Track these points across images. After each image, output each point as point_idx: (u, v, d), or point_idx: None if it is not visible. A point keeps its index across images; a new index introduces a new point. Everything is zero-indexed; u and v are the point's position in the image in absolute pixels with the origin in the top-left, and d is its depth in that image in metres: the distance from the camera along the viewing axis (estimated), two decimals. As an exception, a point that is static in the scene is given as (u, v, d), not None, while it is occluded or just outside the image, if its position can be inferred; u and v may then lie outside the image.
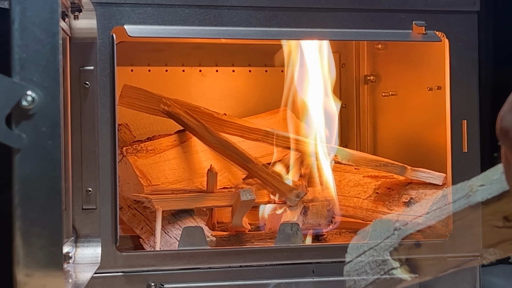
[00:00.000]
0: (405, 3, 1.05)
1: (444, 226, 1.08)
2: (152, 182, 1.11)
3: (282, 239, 1.02)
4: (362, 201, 1.18)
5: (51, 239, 0.63)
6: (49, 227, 0.62)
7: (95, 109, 0.96)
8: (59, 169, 0.63)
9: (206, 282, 0.99)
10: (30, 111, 0.61)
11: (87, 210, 0.97)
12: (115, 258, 0.97)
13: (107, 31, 0.96)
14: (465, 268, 1.07)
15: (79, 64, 0.96)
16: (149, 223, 1.07)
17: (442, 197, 0.90)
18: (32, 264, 0.62)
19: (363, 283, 0.68)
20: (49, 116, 0.62)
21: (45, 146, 0.62)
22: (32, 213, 0.62)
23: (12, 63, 0.62)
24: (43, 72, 0.62)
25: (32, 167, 0.62)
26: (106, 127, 0.97)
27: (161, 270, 0.98)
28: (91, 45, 0.96)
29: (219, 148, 1.12)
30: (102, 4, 0.97)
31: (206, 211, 1.15)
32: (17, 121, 0.61)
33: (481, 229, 1.08)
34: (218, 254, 1.00)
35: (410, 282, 0.67)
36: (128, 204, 1.11)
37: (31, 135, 0.61)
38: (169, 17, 0.99)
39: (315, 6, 1.03)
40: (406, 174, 1.14)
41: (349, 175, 1.23)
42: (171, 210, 1.08)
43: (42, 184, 0.62)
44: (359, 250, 0.70)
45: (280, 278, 1.01)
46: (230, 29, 0.99)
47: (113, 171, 0.96)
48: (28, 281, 0.62)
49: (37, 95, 0.61)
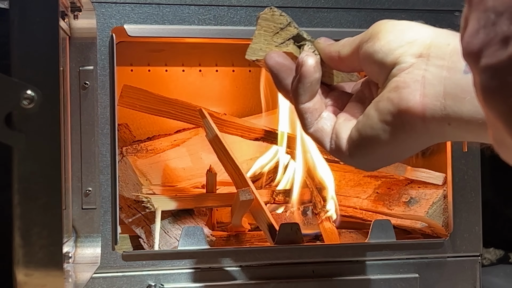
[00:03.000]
0: (405, 3, 1.05)
1: (444, 226, 1.08)
2: (152, 182, 1.11)
3: (282, 239, 1.02)
4: (362, 201, 1.18)
5: (51, 239, 0.63)
6: (49, 227, 0.62)
7: (95, 109, 0.96)
8: (59, 169, 0.63)
9: (206, 282, 0.99)
10: (30, 111, 0.61)
11: (87, 210, 0.97)
12: (115, 258, 0.97)
13: (107, 31, 0.96)
14: (465, 268, 1.08)
15: (79, 64, 0.96)
16: (149, 223, 1.07)
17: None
18: (32, 264, 0.62)
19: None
20: (49, 116, 0.62)
21: (45, 146, 0.62)
22: (32, 212, 0.62)
23: (12, 63, 0.62)
24: (43, 72, 0.62)
25: (32, 166, 0.62)
26: (106, 127, 0.97)
27: (161, 270, 0.98)
28: (90, 45, 0.96)
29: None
30: (101, 4, 0.97)
31: (206, 211, 1.15)
32: (17, 121, 0.61)
33: (481, 229, 1.08)
34: (218, 254, 1.00)
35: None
36: (128, 204, 1.11)
37: (31, 135, 0.61)
38: (169, 17, 0.99)
39: (315, 6, 1.03)
40: (405, 173, 1.14)
41: (349, 175, 1.23)
42: (171, 210, 1.08)
43: (42, 183, 0.62)
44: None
45: (280, 278, 1.01)
46: (230, 28, 0.99)
47: (113, 171, 0.96)
48: (28, 280, 0.62)
49: (37, 95, 0.60)
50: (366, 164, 0.64)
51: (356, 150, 0.62)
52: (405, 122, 0.57)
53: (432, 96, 0.56)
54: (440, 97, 0.56)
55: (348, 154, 0.63)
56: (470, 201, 1.08)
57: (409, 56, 0.58)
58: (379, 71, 0.60)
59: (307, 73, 0.64)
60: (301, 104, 0.65)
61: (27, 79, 0.61)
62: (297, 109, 0.66)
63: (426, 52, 0.57)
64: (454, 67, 0.56)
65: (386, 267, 1.04)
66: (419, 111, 0.56)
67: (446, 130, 0.56)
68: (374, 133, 0.60)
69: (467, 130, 0.56)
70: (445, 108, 0.55)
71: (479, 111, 0.53)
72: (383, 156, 0.62)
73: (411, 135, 0.58)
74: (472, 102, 0.53)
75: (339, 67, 0.67)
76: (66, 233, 0.94)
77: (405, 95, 0.57)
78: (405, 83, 0.57)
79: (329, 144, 0.64)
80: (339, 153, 0.64)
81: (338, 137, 0.64)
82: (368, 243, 1.04)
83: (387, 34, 0.60)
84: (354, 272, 1.03)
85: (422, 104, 0.56)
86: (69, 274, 0.87)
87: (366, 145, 0.61)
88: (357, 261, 1.04)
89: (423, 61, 0.57)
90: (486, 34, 0.36)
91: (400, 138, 0.59)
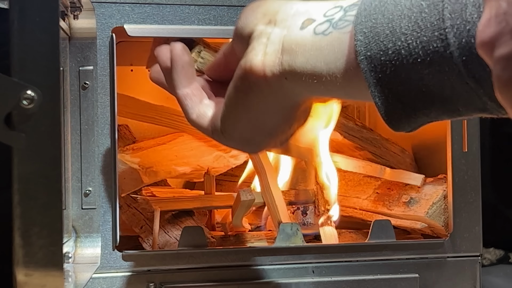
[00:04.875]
0: (405, 3, 1.05)
1: (444, 226, 1.08)
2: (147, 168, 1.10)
3: (282, 239, 1.02)
4: (361, 201, 1.18)
5: (51, 239, 0.62)
6: (49, 227, 0.62)
7: (95, 109, 0.96)
8: (59, 169, 0.62)
9: (206, 282, 0.99)
10: (30, 111, 0.61)
11: (87, 210, 0.97)
12: (115, 258, 0.97)
13: (107, 31, 0.96)
14: (465, 268, 1.07)
15: (79, 64, 0.96)
16: (148, 223, 1.07)
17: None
18: (32, 264, 0.62)
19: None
20: (49, 115, 0.62)
21: (45, 146, 0.62)
22: (32, 212, 0.62)
23: (12, 63, 0.62)
24: (43, 72, 0.62)
25: (32, 166, 0.62)
26: (106, 127, 0.97)
27: (161, 270, 0.98)
28: (90, 45, 0.96)
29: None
30: (101, 4, 0.97)
31: (205, 211, 1.15)
32: (17, 120, 0.61)
33: (481, 229, 1.08)
34: (218, 254, 1.00)
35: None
36: (127, 203, 1.11)
37: (31, 134, 0.61)
38: (169, 17, 0.99)
39: (315, 6, 1.03)
40: (385, 175, 1.15)
41: (349, 175, 1.23)
42: (171, 210, 1.08)
43: (42, 183, 0.62)
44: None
45: (280, 278, 1.01)
46: (230, 28, 0.99)
47: (113, 171, 0.96)
48: (27, 280, 0.62)
49: (37, 95, 0.60)
50: (239, 138, 0.67)
51: (225, 125, 0.66)
52: (251, 83, 0.61)
53: (272, 54, 0.60)
54: (278, 54, 0.59)
55: (221, 131, 0.67)
56: (470, 201, 1.08)
57: (260, 25, 0.62)
58: (242, 46, 0.64)
59: (176, 56, 0.69)
60: (178, 89, 0.70)
61: (27, 79, 0.61)
62: (177, 96, 0.70)
63: (274, 18, 0.62)
64: (293, 25, 0.60)
65: (386, 267, 1.04)
66: (259, 69, 0.60)
67: (284, 85, 0.60)
68: (232, 102, 0.64)
69: (301, 84, 0.59)
70: (281, 64, 0.59)
71: (309, 61, 0.57)
72: (249, 125, 0.65)
73: (258, 95, 0.62)
74: (304, 54, 0.58)
75: (225, 66, 0.71)
76: (66, 233, 0.94)
77: (250, 57, 0.61)
78: (252, 47, 0.62)
79: (210, 128, 0.68)
80: (217, 134, 0.67)
81: (216, 119, 0.67)
82: (368, 243, 1.04)
83: (246, 11, 0.65)
84: (354, 272, 1.03)
85: (263, 62, 0.60)
86: (69, 274, 0.87)
87: (228, 116, 0.65)
88: (357, 261, 1.04)
89: (270, 26, 0.61)
90: (498, 23, 0.35)
91: (252, 100, 0.63)
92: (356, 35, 0.53)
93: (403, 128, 0.55)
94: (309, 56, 0.57)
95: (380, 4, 0.53)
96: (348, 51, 0.54)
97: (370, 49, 0.52)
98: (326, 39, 0.56)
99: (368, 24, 0.52)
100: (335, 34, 0.56)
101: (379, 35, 0.51)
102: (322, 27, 0.57)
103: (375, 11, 0.52)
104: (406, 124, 0.54)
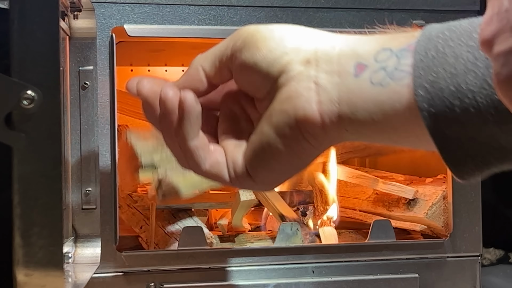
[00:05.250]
0: (405, 2, 1.05)
1: (444, 226, 1.08)
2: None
3: (282, 239, 1.02)
4: (361, 202, 1.18)
5: (51, 239, 0.62)
6: (49, 227, 0.62)
7: (95, 109, 0.96)
8: (59, 169, 0.62)
9: (206, 282, 0.99)
10: (30, 111, 0.61)
11: (87, 210, 0.97)
12: (115, 258, 0.97)
13: (107, 31, 0.96)
14: (465, 268, 1.07)
15: (79, 64, 0.96)
16: (148, 222, 1.07)
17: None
18: (32, 264, 0.62)
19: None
20: (49, 115, 0.62)
21: (45, 146, 0.62)
22: (32, 212, 0.62)
23: (12, 63, 0.62)
24: (43, 72, 0.62)
25: (32, 166, 0.62)
26: (106, 127, 0.97)
27: (161, 270, 0.98)
28: (90, 45, 0.96)
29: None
30: (101, 4, 0.97)
31: (205, 211, 1.15)
32: (17, 120, 0.61)
33: (481, 229, 1.08)
34: (218, 254, 1.00)
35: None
36: (127, 203, 1.11)
37: (31, 135, 0.61)
38: (169, 17, 0.99)
39: (315, 6, 1.03)
40: (377, 186, 1.14)
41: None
42: (170, 210, 1.08)
43: (42, 183, 0.62)
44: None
45: (280, 278, 1.01)
46: (230, 28, 0.99)
47: (112, 171, 0.96)
48: (27, 280, 0.62)
49: (37, 95, 0.60)
50: (271, 182, 0.62)
51: (257, 171, 0.60)
52: (304, 132, 0.56)
53: (327, 103, 0.55)
54: (335, 103, 0.55)
55: (250, 178, 0.60)
56: (470, 201, 1.08)
57: (296, 63, 0.56)
58: (262, 82, 0.58)
59: (190, 107, 0.59)
60: (190, 141, 0.60)
61: (27, 79, 0.61)
62: (188, 148, 0.61)
63: (313, 57, 0.56)
64: (343, 70, 0.55)
65: (386, 267, 1.04)
66: (317, 119, 0.55)
67: (344, 135, 0.56)
68: (273, 149, 0.58)
69: (363, 135, 0.56)
70: (340, 116, 0.55)
71: (371, 116, 0.53)
72: (286, 169, 0.60)
73: (313, 144, 0.57)
74: (364, 107, 0.53)
75: (208, 91, 0.63)
76: (66, 233, 0.94)
77: (300, 105, 0.55)
78: (297, 92, 0.55)
79: (228, 175, 0.61)
80: (241, 180, 0.61)
81: (236, 164, 0.61)
82: (368, 243, 1.04)
83: (267, 42, 0.57)
84: (354, 272, 1.03)
85: (319, 112, 0.55)
86: (69, 274, 0.87)
87: (267, 163, 0.59)
88: (357, 261, 1.04)
89: (311, 67, 0.55)
90: (499, 21, 0.35)
91: (301, 148, 0.57)
92: (416, 90, 0.50)
93: (474, 179, 0.53)
94: (370, 110, 0.53)
95: (438, 55, 0.49)
96: (407, 106, 0.51)
97: (434, 105, 0.49)
98: (385, 92, 0.52)
99: (429, 78, 0.49)
100: (393, 86, 0.52)
101: (443, 91, 0.48)
102: (378, 76, 0.53)
103: (434, 64, 0.49)
104: (478, 176, 0.52)
